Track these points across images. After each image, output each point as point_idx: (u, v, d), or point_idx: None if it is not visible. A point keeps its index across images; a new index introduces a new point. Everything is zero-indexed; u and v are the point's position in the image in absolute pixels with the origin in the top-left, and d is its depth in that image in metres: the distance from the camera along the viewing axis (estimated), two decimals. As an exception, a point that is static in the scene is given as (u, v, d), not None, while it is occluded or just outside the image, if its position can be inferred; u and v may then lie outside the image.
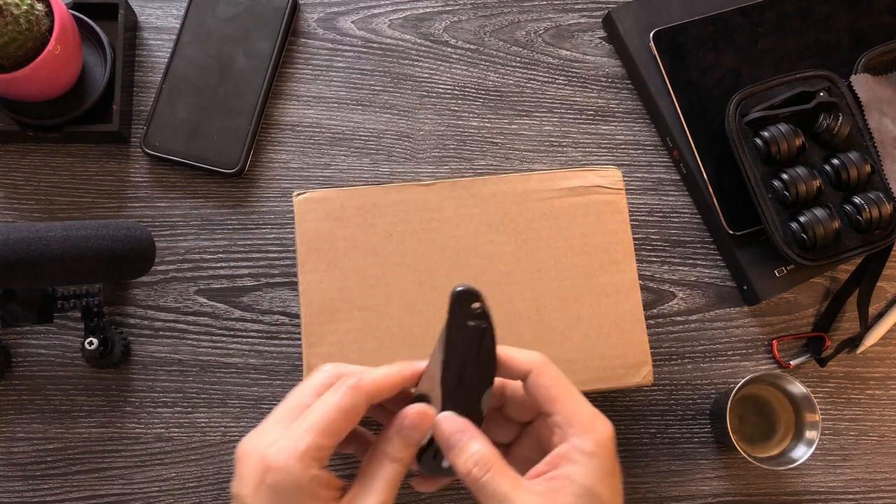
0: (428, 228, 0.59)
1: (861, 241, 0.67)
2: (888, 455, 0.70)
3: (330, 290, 0.58)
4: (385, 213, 0.60)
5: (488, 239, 0.59)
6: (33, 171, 0.69)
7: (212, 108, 0.69)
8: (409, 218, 0.60)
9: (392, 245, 0.59)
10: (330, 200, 0.60)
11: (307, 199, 0.60)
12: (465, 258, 0.59)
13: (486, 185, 0.61)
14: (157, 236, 0.68)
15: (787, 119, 0.68)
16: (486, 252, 0.59)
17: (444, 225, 0.60)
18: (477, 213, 0.60)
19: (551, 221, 0.61)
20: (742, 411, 0.68)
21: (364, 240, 0.59)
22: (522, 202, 0.60)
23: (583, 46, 0.75)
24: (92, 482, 0.65)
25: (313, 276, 0.59)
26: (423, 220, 0.60)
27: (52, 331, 0.66)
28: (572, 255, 0.60)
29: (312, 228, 0.59)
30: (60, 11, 0.61)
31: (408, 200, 0.60)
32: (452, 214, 0.60)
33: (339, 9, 0.74)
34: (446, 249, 0.59)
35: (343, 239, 0.59)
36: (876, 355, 0.72)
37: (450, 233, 0.59)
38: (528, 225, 0.60)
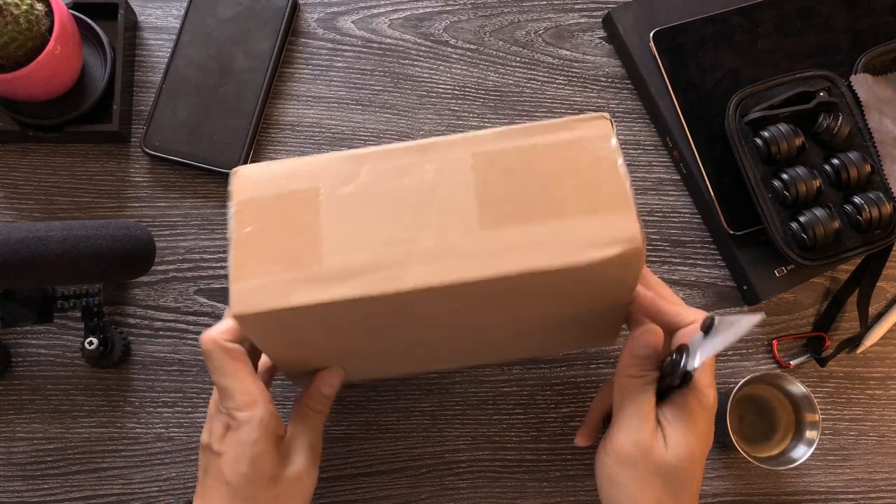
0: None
1: (861, 241, 0.67)
2: (888, 455, 0.70)
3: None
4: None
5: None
6: (33, 171, 0.69)
7: (212, 108, 0.69)
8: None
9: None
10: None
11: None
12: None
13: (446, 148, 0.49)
14: (157, 236, 0.68)
15: (787, 119, 0.68)
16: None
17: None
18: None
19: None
20: (742, 411, 0.68)
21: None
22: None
23: (583, 46, 0.75)
24: (92, 482, 0.65)
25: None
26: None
27: (52, 331, 0.66)
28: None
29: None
30: (60, 11, 0.61)
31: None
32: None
33: (339, 9, 0.74)
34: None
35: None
36: (876, 355, 0.72)
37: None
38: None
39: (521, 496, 0.67)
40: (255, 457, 0.50)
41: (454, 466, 0.67)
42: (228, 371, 0.50)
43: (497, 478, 0.67)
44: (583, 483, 0.67)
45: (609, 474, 0.51)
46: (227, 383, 0.50)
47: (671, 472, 0.49)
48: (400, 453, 0.67)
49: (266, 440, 0.50)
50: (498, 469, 0.67)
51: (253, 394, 0.50)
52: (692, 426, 0.50)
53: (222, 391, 0.51)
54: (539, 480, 0.67)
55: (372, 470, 0.66)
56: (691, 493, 0.50)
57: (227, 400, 0.50)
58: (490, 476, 0.67)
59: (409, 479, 0.66)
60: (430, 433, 0.67)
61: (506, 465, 0.67)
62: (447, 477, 0.66)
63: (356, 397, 0.67)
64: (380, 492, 0.66)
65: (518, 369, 0.68)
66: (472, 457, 0.67)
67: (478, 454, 0.67)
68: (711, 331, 0.47)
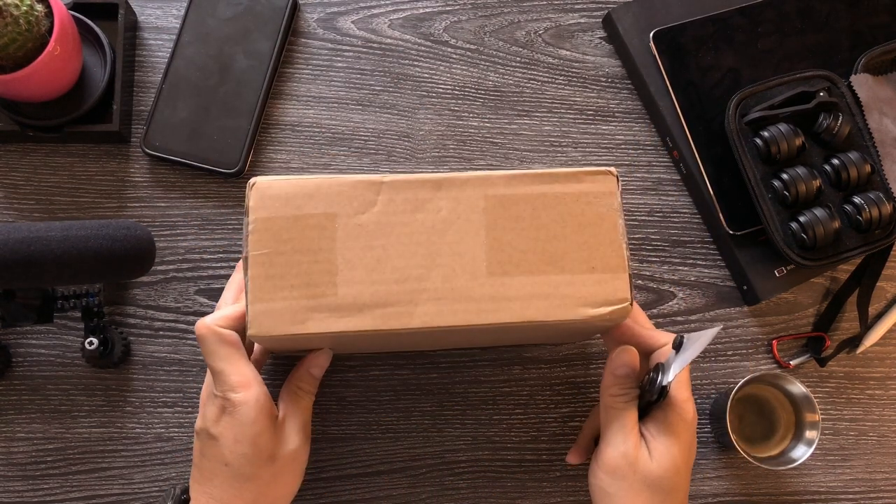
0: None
1: (861, 241, 0.67)
2: (888, 455, 0.70)
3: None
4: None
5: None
6: (33, 171, 0.69)
7: (212, 108, 0.69)
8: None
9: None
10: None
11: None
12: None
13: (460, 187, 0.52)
14: (157, 236, 0.68)
15: (787, 119, 0.68)
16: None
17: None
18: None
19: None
20: (742, 411, 0.68)
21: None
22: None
23: (583, 46, 0.75)
24: (92, 482, 0.65)
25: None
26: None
27: (52, 331, 0.66)
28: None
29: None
30: (60, 12, 0.61)
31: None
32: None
33: (339, 9, 0.74)
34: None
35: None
36: (876, 355, 0.71)
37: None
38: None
39: (521, 496, 0.67)
40: (255, 436, 0.51)
41: (454, 466, 0.67)
42: (222, 354, 0.52)
43: (497, 478, 0.67)
44: (583, 483, 0.67)
45: (601, 486, 0.55)
46: (222, 366, 0.52)
47: (657, 482, 0.52)
48: (400, 453, 0.67)
49: (263, 419, 0.52)
50: (498, 469, 0.67)
51: (247, 375, 0.52)
52: (674, 439, 0.53)
53: (217, 374, 0.52)
54: (539, 480, 0.67)
55: (372, 470, 0.66)
56: (678, 501, 0.53)
57: (221, 383, 0.52)
58: (490, 476, 0.67)
59: (409, 479, 0.66)
60: (430, 433, 0.67)
61: (506, 466, 0.67)
62: (447, 477, 0.66)
63: (356, 397, 0.67)
64: (380, 492, 0.66)
65: (518, 369, 0.68)
66: (472, 457, 0.67)
67: (478, 454, 0.67)
68: (681, 348, 0.52)
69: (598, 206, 0.51)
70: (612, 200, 0.52)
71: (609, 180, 0.52)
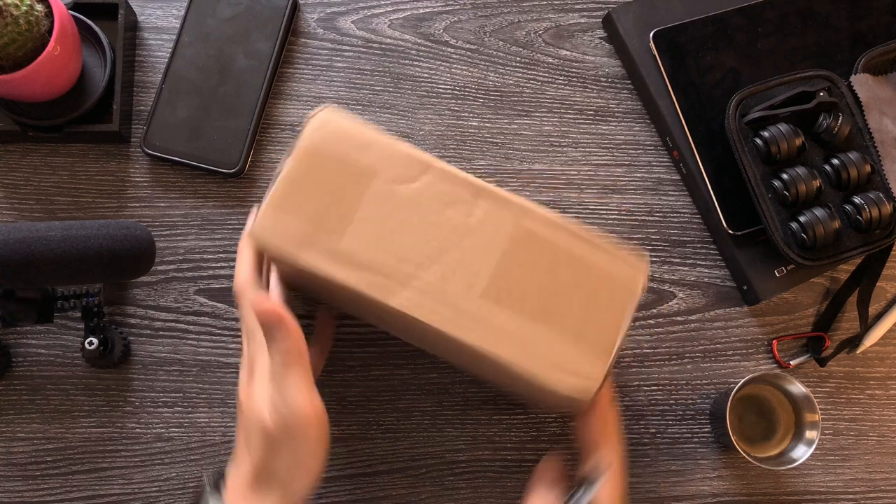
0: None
1: (861, 241, 0.67)
2: (888, 455, 0.70)
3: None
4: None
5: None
6: (33, 171, 0.69)
7: (212, 108, 0.69)
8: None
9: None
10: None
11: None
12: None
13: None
14: (157, 236, 0.68)
15: (787, 119, 0.68)
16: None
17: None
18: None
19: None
20: (742, 411, 0.68)
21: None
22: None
23: (583, 46, 0.75)
24: (92, 482, 0.65)
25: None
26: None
27: (52, 331, 0.66)
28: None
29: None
30: (60, 12, 0.61)
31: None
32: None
33: (339, 9, 0.74)
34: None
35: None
36: (876, 355, 0.72)
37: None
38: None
39: (521, 496, 0.66)
40: (312, 466, 0.50)
41: (454, 466, 0.67)
42: (293, 371, 0.49)
43: (497, 478, 0.67)
44: (583, 483, 0.67)
45: None
46: (289, 383, 0.49)
47: None
48: (400, 453, 0.67)
49: (322, 450, 0.50)
50: (498, 469, 0.67)
51: (316, 406, 0.49)
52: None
53: (281, 388, 0.49)
54: (539, 480, 0.67)
55: (372, 470, 0.66)
56: None
57: (283, 405, 0.49)
58: (490, 476, 0.67)
59: (409, 479, 0.66)
60: (430, 433, 0.67)
61: (506, 466, 0.67)
62: (447, 477, 0.66)
63: (356, 397, 0.67)
64: (380, 492, 0.66)
65: (518, 369, 0.68)
66: (472, 457, 0.67)
67: (478, 454, 0.67)
68: (583, 490, 0.50)
69: (616, 290, 0.50)
70: (633, 291, 0.51)
71: (640, 271, 0.51)
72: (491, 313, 0.49)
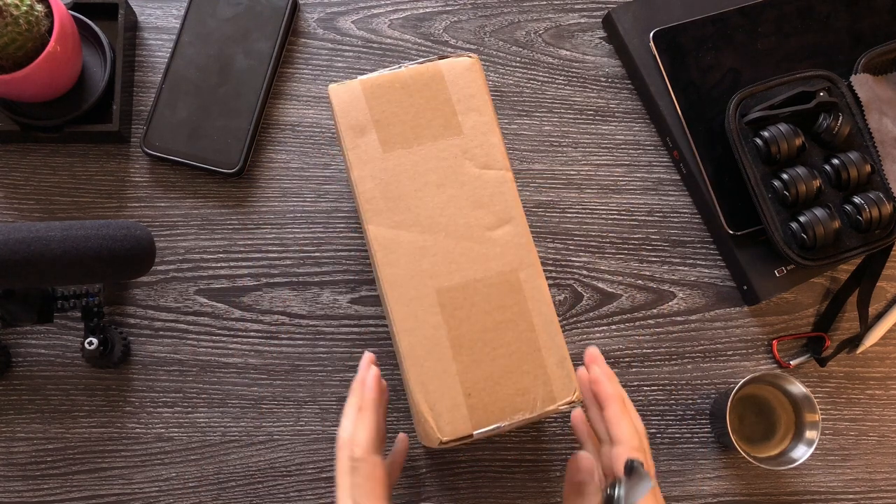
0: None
1: (861, 241, 0.67)
2: (888, 455, 0.70)
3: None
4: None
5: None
6: (33, 171, 0.69)
7: (212, 108, 0.69)
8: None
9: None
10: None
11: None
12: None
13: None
14: (157, 236, 0.68)
15: (787, 119, 0.68)
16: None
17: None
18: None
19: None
20: (742, 411, 0.68)
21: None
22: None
23: (583, 46, 0.75)
24: (92, 482, 0.65)
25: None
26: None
27: (52, 331, 0.66)
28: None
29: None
30: (60, 12, 0.61)
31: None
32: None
33: (339, 9, 0.74)
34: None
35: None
36: (876, 355, 0.71)
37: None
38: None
39: (521, 496, 0.67)
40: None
41: (454, 466, 0.67)
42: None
43: (497, 478, 0.67)
44: (583, 483, 0.67)
45: None
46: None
47: None
48: (400, 453, 0.67)
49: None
50: (498, 469, 0.67)
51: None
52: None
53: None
54: (539, 480, 0.67)
55: (372, 470, 0.66)
56: None
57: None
58: (490, 476, 0.67)
59: (409, 479, 0.66)
60: (430, 433, 0.67)
61: (506, 465, 0.67)
62: (447, 477, 0.66)
63: (356, 397, 0.67)
64: (380, 492, 0.66)
65: (518, 369, 0.68)
66: (472, 457, 0.67)
67: (478, 454, 0.67)
68: (632, 475, 0.50)
69: (532, 392, 0.51)
70: (538, 406, 0.51)
71: (556, 401, 0.51)
72: (429, 312, 0.51)
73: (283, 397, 0.66)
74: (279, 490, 0.65)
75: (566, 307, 0.70)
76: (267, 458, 0.66)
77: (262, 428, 0.66)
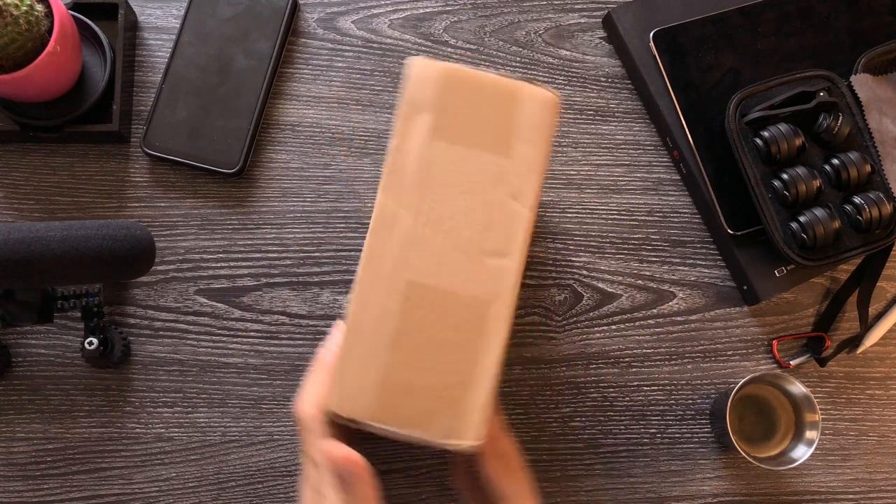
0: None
1: (861, 241, 0.67)
2: (888, 455, 0.70)
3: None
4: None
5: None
6: (33, 171, 0.69)
7: (212, 108, 0.69)
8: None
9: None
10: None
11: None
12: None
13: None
14: (157, 236, 0.68)
15: (787, 119, 0.68)
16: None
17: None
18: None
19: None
20: (742, 411, 0.68)
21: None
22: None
23: (583, 46, 0.75)
24: (92, 482, 0.65)
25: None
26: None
27: (52, 331, 0.66)
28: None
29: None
30: (60, 12, 0.61)
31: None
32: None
33: (339, 9, 0.74)
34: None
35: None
36: (876, 355, 0.72)
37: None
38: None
39: (521, 496, 0.67)
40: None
41: (454, 466, 0.67)
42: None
43: (497, 478, 0.67)
44: (583, 483, 0.67)
45: None
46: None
47: None
48: (400, 453, 0.67)
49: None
50: (498, 469, 0.67)
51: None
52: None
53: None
54: (539, 480, 0.67)
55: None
56: None
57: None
58: (490, 476, 0.67)
59: (409, 479, 0.66)
60: (430, 433, 0.67)
61: (506, 465, 0.67)
62: (447, 477, 0.66)
63: (356, 397, 0.67)
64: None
65: (518, 369, 0.68)
66: (472, 457, 0.67)
67: (478, 454, 0.67)
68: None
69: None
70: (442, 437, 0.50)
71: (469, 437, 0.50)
72: (392, 296, 0.50)
73: (283, 397, 0.66)
74: (279, 490, 0.65)
75: (566, 307, 0.70)
76: (267, 458, 0.66)
77: (262, 428, 0.66)
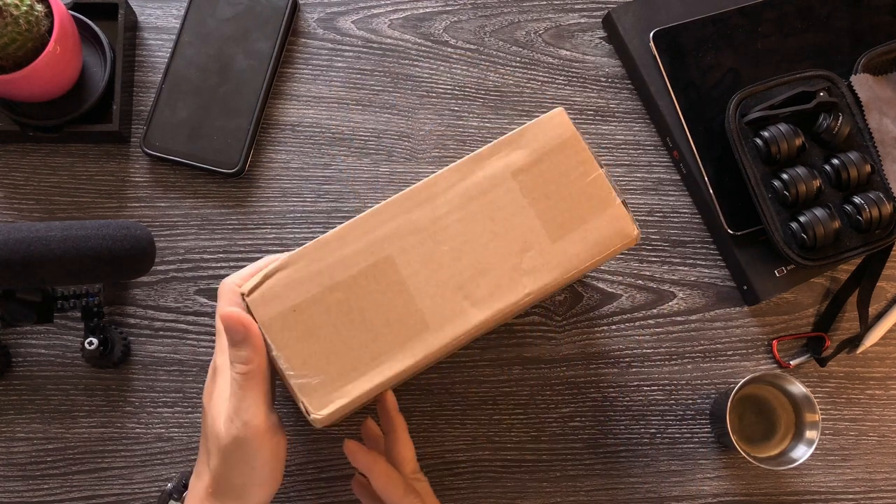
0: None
1: (861, 241, 0.67)
2: (888, 455, 0.70)
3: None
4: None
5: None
6: (33, 171, 0.69)
7: (212, 108, 0.69)
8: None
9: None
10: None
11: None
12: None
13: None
14: (157, 236, 0.68)
15: (787, 119, 0.68)
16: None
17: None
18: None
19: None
20: (742, 411, 0.68)
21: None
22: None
23: (583, 46, 0.75)
24: (92, 482, 0.65)
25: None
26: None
27: (52, 331, 0.66)
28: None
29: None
30: (60, 12, 0.61)
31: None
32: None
33: (339, 9, 0.74)
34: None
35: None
36: (876, 355, 0.72)
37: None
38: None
39: (521, 496, 0.67)
40: (262, 467, 0.50)
41: (454, 466, 0.67)
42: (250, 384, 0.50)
43: (497, 478, 0.67)
44: (583, 483, 0.67)
45: None
46: (244, 395, 0.49)
47: None
48: (400, 453, 0.66)
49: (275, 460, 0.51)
50: (498, 469, 0.67)
51: (271, 424, 0.50)
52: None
53: (237, 398, 0.50)
54: (539, 480, 0.67)
55: (372, 470, 0.66)
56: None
57: (240, 415, 0.49)
58: (490, 476, 0.67)
59: (409, 479, 0.66)
60: (430, 433, 0.67)
61: (506, 466, 0.67)
62: (447, 477, 0.66)
63: (356, 397, 0.67)
64: (380, 492, 0.66)
65: (518, 369, 0.68)
66: (472, 457, 0.67)
67: (478, 454, 0.67)
68: None
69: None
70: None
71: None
72: (365, 255, 0.51)
73: (283, 397, 0.66)
74: (279, 490, 0.65)
75: (566, 307, 0.70)
76: (267, 458, 0.66)
77: (262, 428, 0.66)
